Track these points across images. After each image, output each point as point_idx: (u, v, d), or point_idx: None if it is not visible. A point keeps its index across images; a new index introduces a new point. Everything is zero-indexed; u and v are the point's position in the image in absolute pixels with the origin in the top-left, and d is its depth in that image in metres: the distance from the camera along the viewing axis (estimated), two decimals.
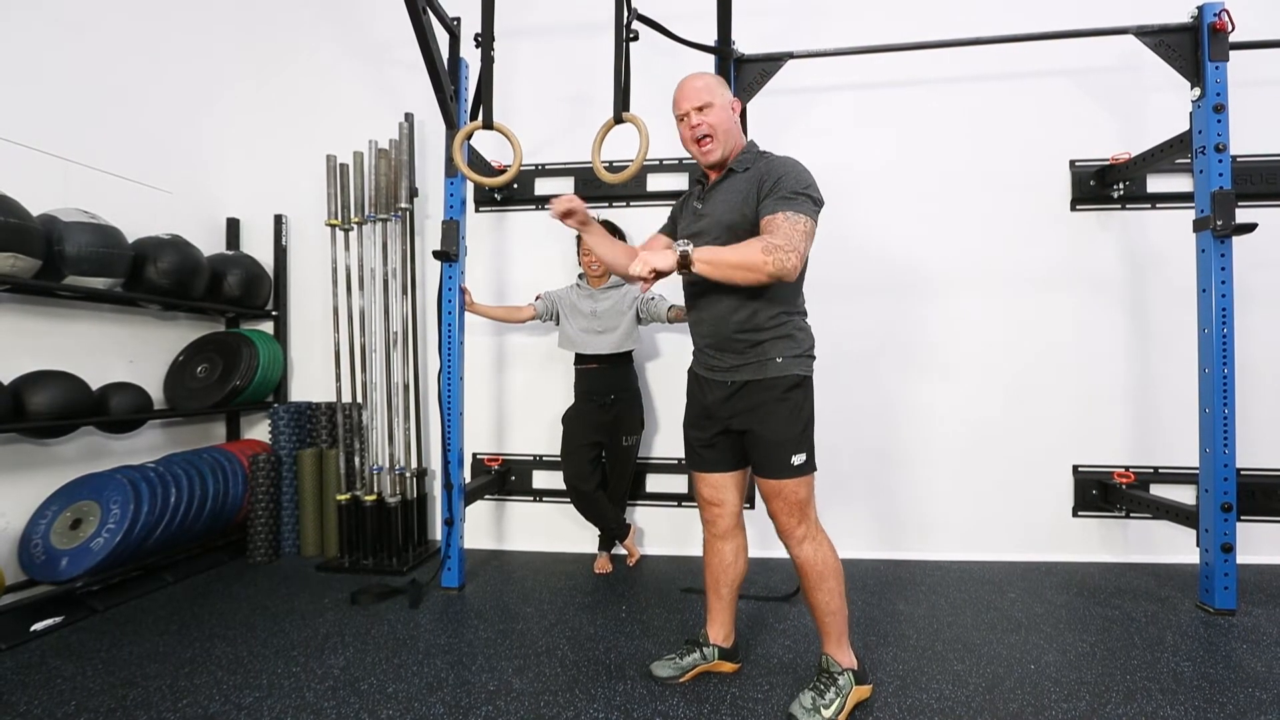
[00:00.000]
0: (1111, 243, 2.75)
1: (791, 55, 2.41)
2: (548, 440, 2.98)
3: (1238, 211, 2.10)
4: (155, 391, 2.77)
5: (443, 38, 2.40)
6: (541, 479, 3.00)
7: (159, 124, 2.87)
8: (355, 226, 2.90)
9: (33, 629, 2.03)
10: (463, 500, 2.47)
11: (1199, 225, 2.18)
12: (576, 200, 1.67)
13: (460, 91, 2.47)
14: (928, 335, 2.79)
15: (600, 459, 2.66)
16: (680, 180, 2.94)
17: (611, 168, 2.22)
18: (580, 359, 2.60)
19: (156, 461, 2.59)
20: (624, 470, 2.67)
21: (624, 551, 2.76)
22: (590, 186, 2.95)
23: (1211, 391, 2.15)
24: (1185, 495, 2.61)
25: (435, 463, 2.99)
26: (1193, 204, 2.23)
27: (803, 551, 1.57)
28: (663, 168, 2.93)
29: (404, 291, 2.85)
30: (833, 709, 1.52)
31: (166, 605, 2.29)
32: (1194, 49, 2.18)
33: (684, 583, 2.50)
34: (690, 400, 1.74)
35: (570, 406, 2.65)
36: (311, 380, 3.18)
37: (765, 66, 2.41)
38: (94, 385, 2.39)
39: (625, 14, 2.04)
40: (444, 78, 2.33)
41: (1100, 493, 2.70)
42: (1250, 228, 2.07)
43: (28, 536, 2.21)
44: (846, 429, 2.78)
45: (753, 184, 1.53)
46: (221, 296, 2.91)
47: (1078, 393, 2.74)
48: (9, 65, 2.26)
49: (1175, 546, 2.63)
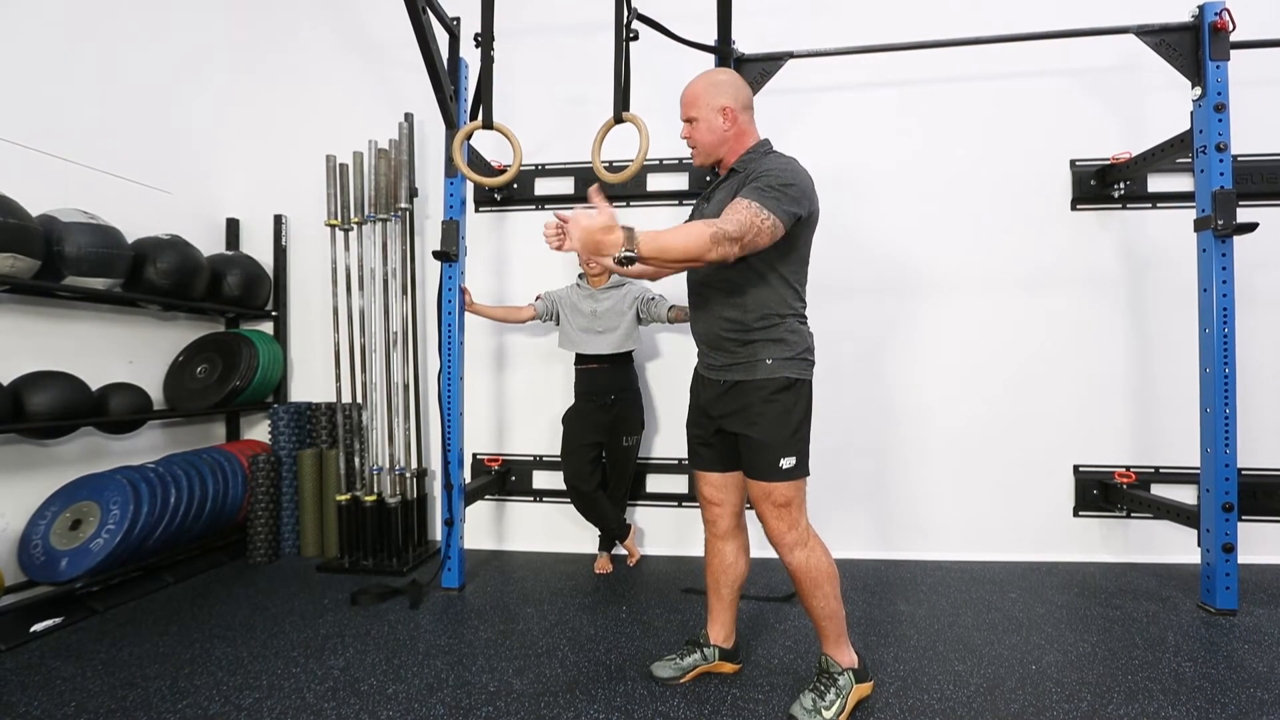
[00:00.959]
0: (1112, 242, 2.75)
1: (792, 55, 2.40)
2: (548, 440, 2.98)
3: (1239, 211, 2.10)
4: (155, 392, 2.77)
5: (442, 38, 2.40)
6: (542, 479, 3.00)
7: (159, 124, 2.86)
8: (355, 226, 2.90)
9: (32, 630, 2.02)
10: (463, 500, 2.47)
11: (1200, 225, 2.18)
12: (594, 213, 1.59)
13: (460, 91, 2.47)
14: (928, 335, 2.79)
15: (600, 459, 2.65)
16: (680, 180, 2.94)
17: (611, 167, 2.22)
18: (580, 359, 2.59)
19: (156, 462, 2.58)
20: (624, 470, 2.67)
21: (624, 552, 2.75)
22: (590, 186, 2.95)
23: (1212, 391, 2.15)
24: (1186, 495, 2.61)
25: (435, 463, 2.98)
26: (1194, 203, 2.23)
27: (795, 559, 1.56)
28: (663, 167, 2.93)
29: (404, 292, 2.85)
30: (833, 709, 1.51)
31: (166, 606, 2.29)
32: (1195, 48, 2.17)
33: (685, 583, 2.50)
34: (691, 398, 1.74)
35: (570, 406, 2.64)
36: (311, 380, 3.17)
37: (765, 66, 2.40)
38: (94, 386, 2.39)
39: (625, 14, 2.04)
40: (444, 77, 2.33)
41: (1101, 492, 2.70)
42: (1251, 227, 2.07)
43: (27, 537, 2.21)
44: (848, 429, 2.78)
45: (743, 182, 1.51)
46: (221, 297, 2.90)
47: (1078, 392, 2.74)
48: (9, 66, 2.26)
49: (1176, 546, 2.63)
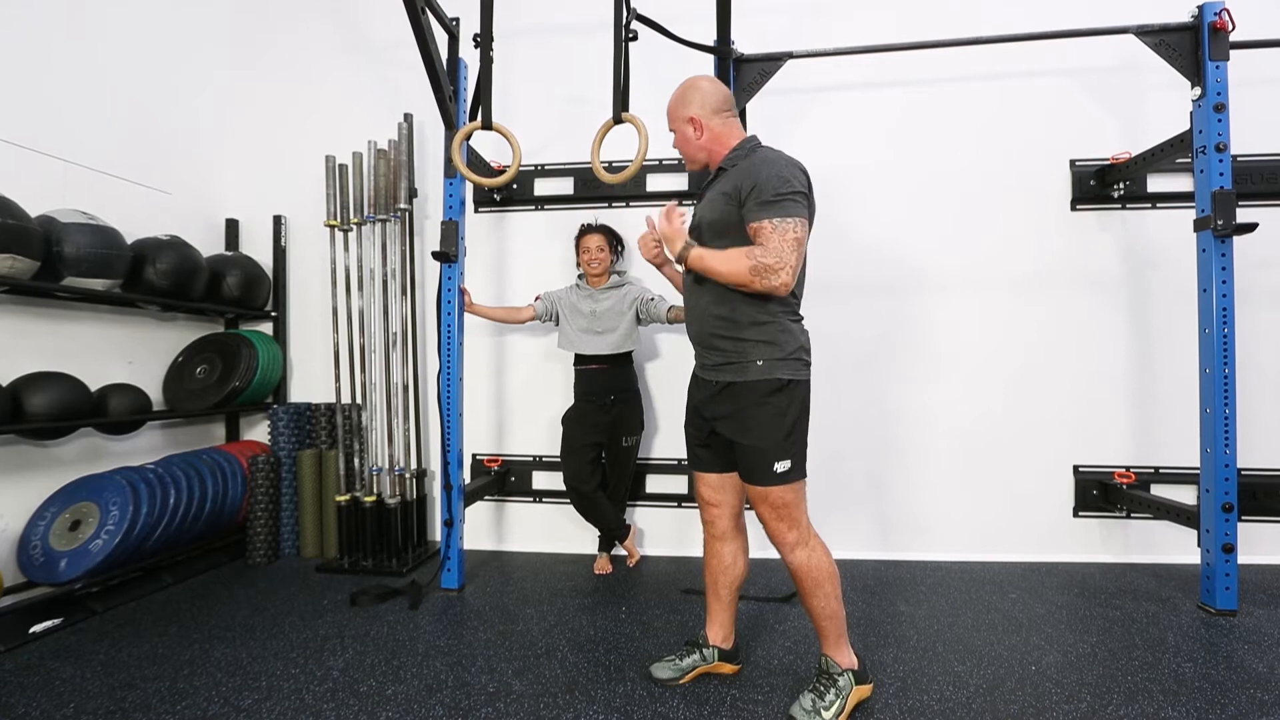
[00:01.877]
0: (1112, 242, 2.75)
1: (791, 55, 2.40)
2: (547, 441, 2.98)
3: (1238, 211, 2.10)
4: (154, 393, 2.77)
5: (441, 38, 2.40)
6: (541, 479, 3.00)
7: (158, 125, 2.86)
8: (354, 227, 2.89)
9: (31, 631, 2.02)
10: (462, 501, 2.47)
11: (1199, 225, 2.18)
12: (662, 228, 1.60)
13: (459, 92, 2.46)
14: (927, 335, 2.79)
15: (600, 460, 2.65)
16: (679, 180, 2.93)
17: (611, 168, 2.22)
18: (580, 359, 2.59)
19: (156, 463, 2.58)
20: (624, 471, 2.66)
21: (624, 552, 2.75)
22: (589, 187, 2.95)
23: (1212, 391, 2.15)
24: (1186, 495, 2.61)
25: (435, 464, 2.98)
26: (1193, 204, 2.23)
27: (796, 558, 1.56)
28: (662, 168, 2.93)
29: (403, 292, 2.85)
30: (833, 710, 1.51)
31: (166, 607, 2.29)
32: (1194, 48, 2.17)
33: (684, 584, 2.49)
34: (688, 399, 1.74)
35: (570, 407, 2.64)
36: (311, 381, 3.17)
37: (765, 66, 2.40)
38: (93, 386, 2.39)
39: (624, 14, 2.04)
40: (443, 78, 2.33)
41: (1101, 493, 2.70)
42: (1251, 227, 2.07)
43: (27, 538, 2.21)
44: (846, 430, 2.78)
45: (732, 180, 1.51)
46: (220, 297, 2.90)
47: (1078, 393, 2.74)
48: (8, 66, 2.26)
49: (1176, 547, 2.63)
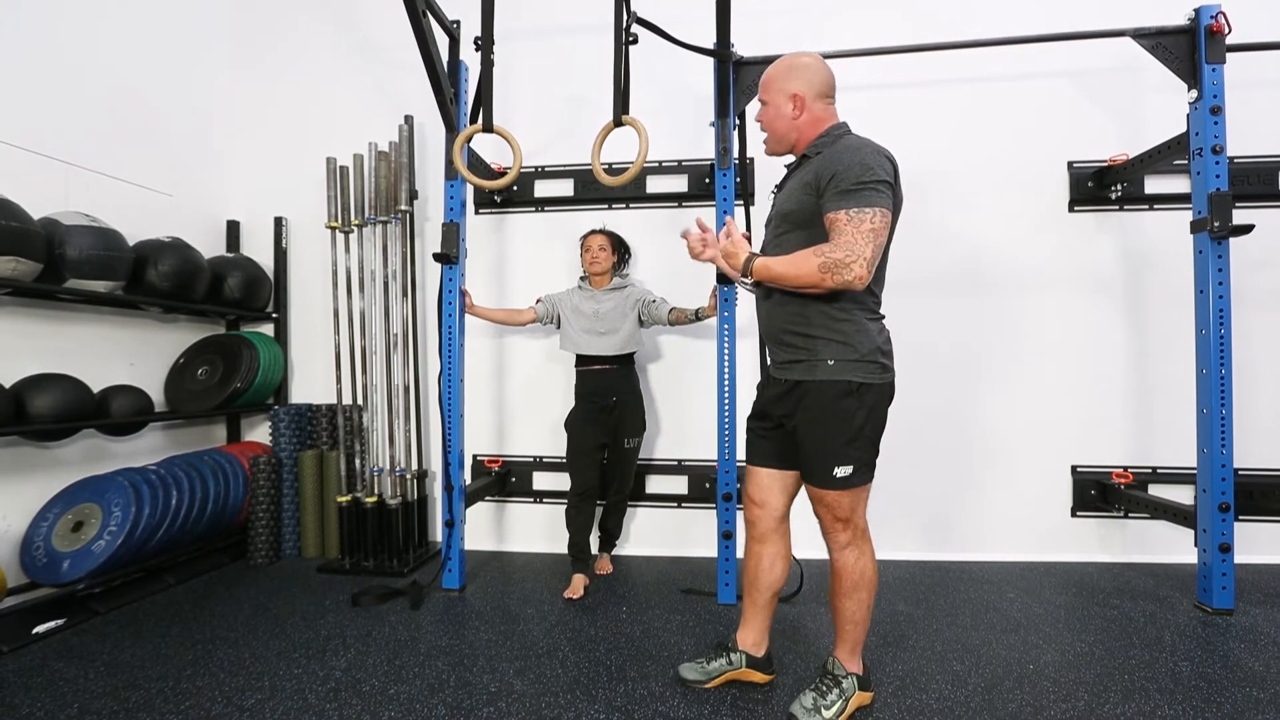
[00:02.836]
0: (1109, 244, 2.76)
1: None
2: (548, 441, 2.99)
3: (1235, 213, 2.11)
4: (156, 394, 2.78)
5: (442, 40, 2.41)
6: (542, 480, 3.00)
7: (159, 127, 2.87)
8: (355, 229, 2.90)
9: (34, 631, 2.03)
10: (463, 502, 2.47)
11: (1196, 227, 2.19)
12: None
13: (460, 94, 2.47)
14: (924, 336, 2.80)
15: (603, 463, 2.64)
16: (679, 182, 2.95)
17: (611, 170, 2.23)
18: (582, 360, 2.58)
19: (158, 464, 2.59)
20: (627, 472, 2.64)
21: (603, 567, 2.67)
22: (590, 188, 2.96)
23: (1209, 392, 2.16)
24: (1183, 495, 2.62)
25: (436, 464, 2.99)
26: (1190, 205, 2.24)
27: (844, 557, 1.54)
28: (662, 170, 2.94)
29: (404, 294, 2.86)
30: (833, 710, 1.52)
31: (168, 607, 2.30)
32: (1191, 51, 2.18)
33: (684, 584, 2.50)
34: (757, 394, 1.72)
35: (573, 409, 2.60)
36: (312, 382, 3.18)
37: (764, 70, 2.40)
38: (95, 388, 2.40)
39: (625, 17, 2.05)
40: (443, 80, 2.34)
41: (1099, 493, 2.71)
42: (1247, 229, 2.08)
43: (29, 539, 2.21)
44: None
45: (814, 169, 1.46)
46: (222, 299, 2.91)
47: (1076, 393, 2.75)
48: (10, 69, 2.27)
49: (1173, 546, 2.64)
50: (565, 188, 3.01)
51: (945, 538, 2.77)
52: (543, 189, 3.02)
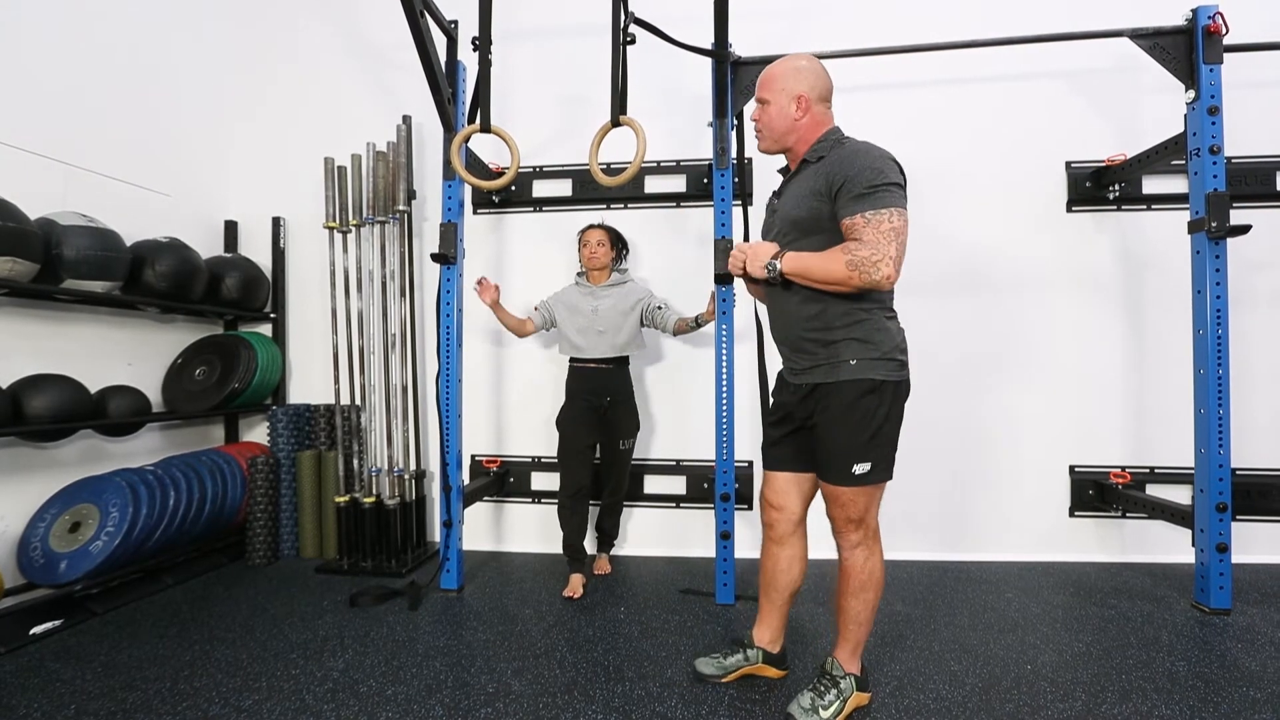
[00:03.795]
0: (1107, 244, 2.76)
1: None
2: (546, 442, 2.98)
3: (1232, 213, 2.12)
4: (154, 394, 2.77)
5: (440, 40, 2.41)
6: (540, 480, 3.00)
7: (157, 127, 2.86)
8: (353, 229, 2.90)
9: (32, 632, 2.03)
10: (461, 502, 2.47)
11: (1194, 227, 2.19)
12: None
13: (458, 94, 2.47)
14: (922, 336, 2.74)
15: (595, 461, 2.59)
16: (678, 182, 2.95)
17: (609, 170, 2.23)
18: (577, 356, 2.53)
19: (155, 464, 2.59)
20: (622, 473, 2.61)
21: (601, 568, 2.65)
22: (588, 188, 2.96)
23: (1206, 392, 2.17)
24: (1181, 495, 2.63)
25: (434, 465, 2.99)
26: (1188, 205, 2.24)
27: (854, 556, 1.54)
28: (660, 170, 2.94)
29: (402, 294, 2.86)
30: (831, 710, 1.52)
31: (166, 608, 2.29)
32: (1188, 52, 2.19)
33: (682, 584, 2.50)
34: (773, 396, 1.72)
35: (564, 408, 2.54)
36: (310, 382, 3.18)
37: (761, 70, 2.40)
38: (93, 388, 2.39)
39: (622, 18, 2.05)
40: (441, 80, 2.34)
41: (1096, 493, 2.71)
42: (1244, 229, 2.08)
43: (27, 540, 2.21)
44: None
45: (821, 177, 1.46)
46: (220, 299, 2.91)
47: (1073, 393, 2.75)
48: (7, 70, 2.26)
49: (1171, 546, 2.65)
50: (564, 188, 3.01)
51: (943, 538, 2.78)
52: (541, 189, 3.02)
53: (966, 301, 2.79)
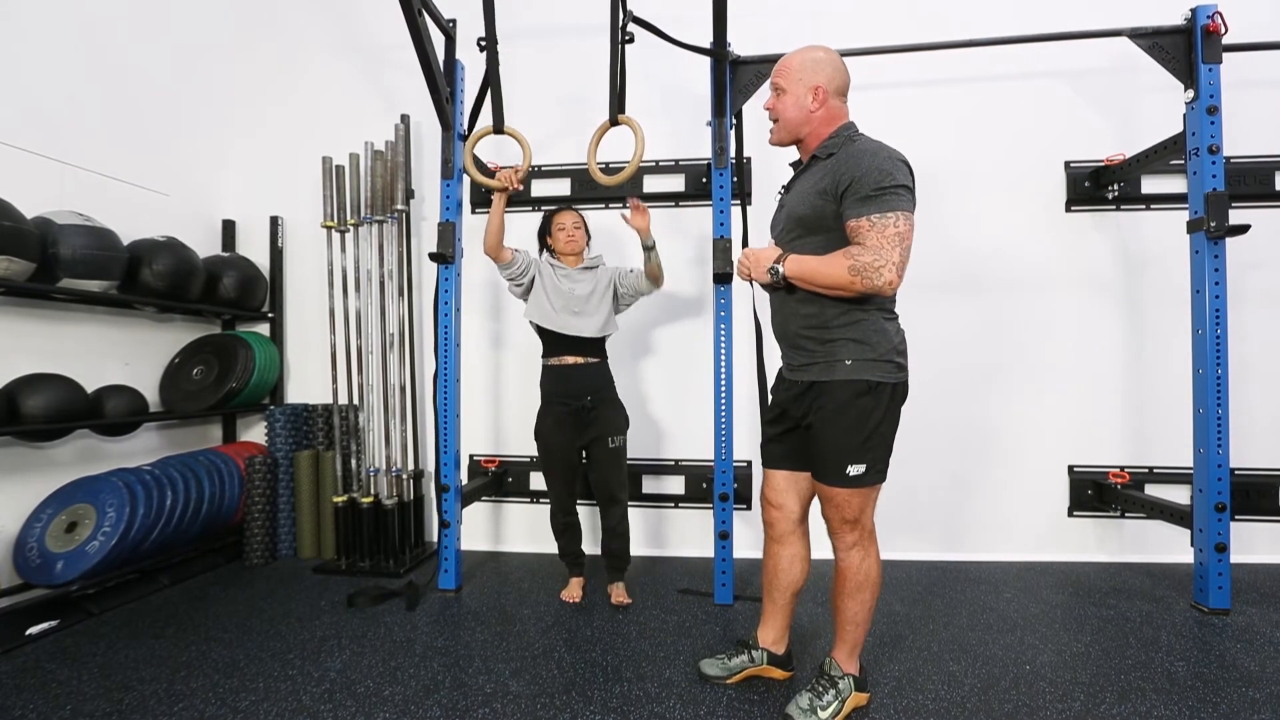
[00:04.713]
0: (1106, 243, 2.76)
1: None
2: None
3: (1231, 213, 2.12)
4: (151, 394, 2.76)
5: (438, 39, 2.40)
6: (539, 481, 2.99)
7: (154, 126, 2.86)
8: (351, 228, 2.89)
9: (28, 633, 2.02)
10: (459, 502, 2.47)
11: (1193, 227, 2.19)
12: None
13: (456, 93, 2.47)
14: (921, 336, 2.74)
15: (581, 472, 2.38)
16: (677, 182, 2.94)
17: (608, 169, 2.22)
18: (551, 352, 2.30)
19: (152, 464, 2.58)
20: (618, 476, 2.31)
21: (620, 599, 2.34)
22: (587, 188, 2.96)
23: (1205, 392, 2.16)
24: (1180, 495, 2.62)
25: (432, 465, 2.97)
26: (1187, 205, 2.24)
27: (849, 557, 1.53)
28: (659, 169, 2.94)
29: (400, 293, 2.85)
30: (829, 710, 1.52)
31: (163, 608, 2.29)
32: (1187, 51, 2.19)
33: (680, 584, 2.50)
34: (772, 394, 1.72)
35: (541, 415, 2.31)
36: (308, 382, 3.17)
37: (761, 68, 2.41)
38: (89, 388, 2.39)
39: (621, 17, 2.04)
40: (440, 80, 2.33)
41: (1095, 493, 2.71)
42: (1243, 229, 2.08)
43: (23, 540, 2.20)
44: None
45: (829, 175, 1.44)
46: (217, 298, 2.90)
47: (1072, 393, 2.75)
48: (5, 69, 2.25)
49: (1170, 546, 2.64)
50: (562, 187, 3.01)
51: (942, 538, 2.77)
52: (540, 188, 3.02)
53: (965, 301, 2.79)
